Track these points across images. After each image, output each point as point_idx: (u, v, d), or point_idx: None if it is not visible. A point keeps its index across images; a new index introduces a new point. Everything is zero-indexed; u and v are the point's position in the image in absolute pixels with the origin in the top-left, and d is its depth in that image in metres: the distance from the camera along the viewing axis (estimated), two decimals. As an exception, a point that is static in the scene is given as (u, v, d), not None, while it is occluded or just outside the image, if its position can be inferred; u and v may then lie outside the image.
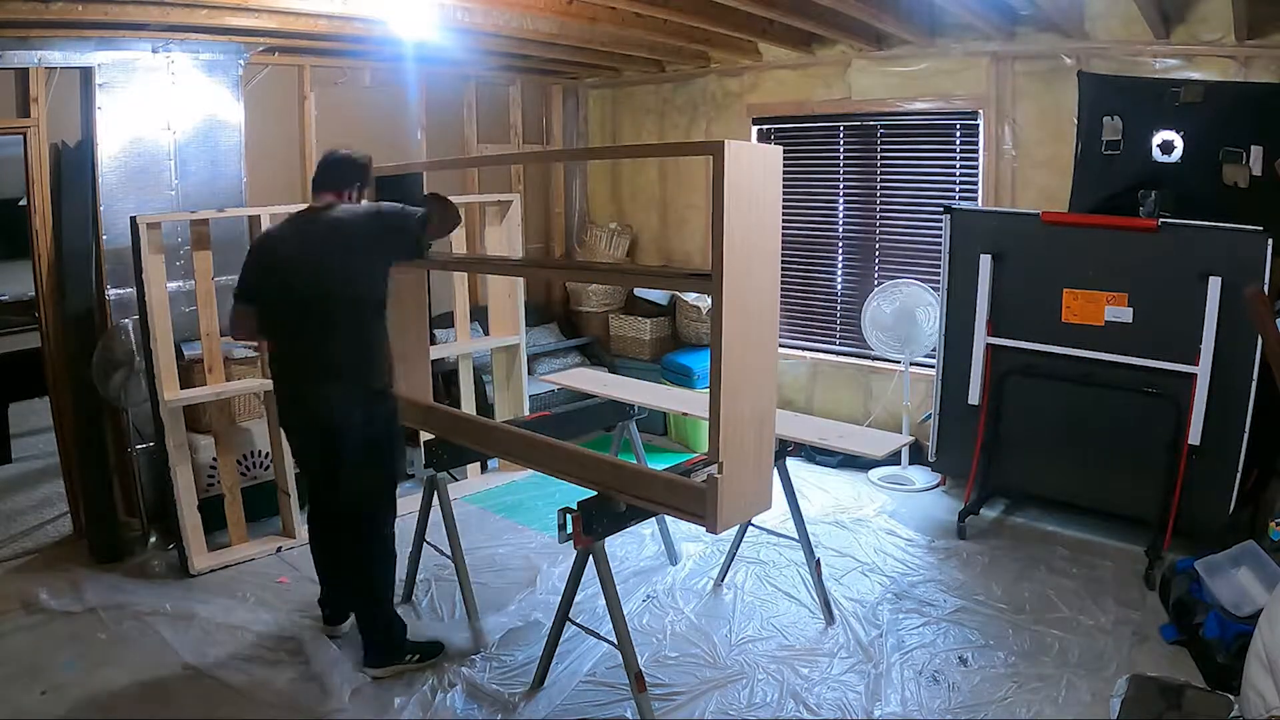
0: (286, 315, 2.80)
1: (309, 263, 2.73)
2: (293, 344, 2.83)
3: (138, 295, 3.62)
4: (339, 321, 2.75)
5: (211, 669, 2.97)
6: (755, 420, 2.37)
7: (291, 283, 2.75)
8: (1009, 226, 4.02)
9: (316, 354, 2.77)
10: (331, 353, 2.76)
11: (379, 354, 2.86)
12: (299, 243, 2.78)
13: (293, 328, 2.81)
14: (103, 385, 3.71)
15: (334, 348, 2.76)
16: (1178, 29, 3.86)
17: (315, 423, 2.81)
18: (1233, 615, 2.85)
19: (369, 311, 2.81)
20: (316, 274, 2.72)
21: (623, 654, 2.60)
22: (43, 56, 3.68)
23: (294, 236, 2.81)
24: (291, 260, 2.77)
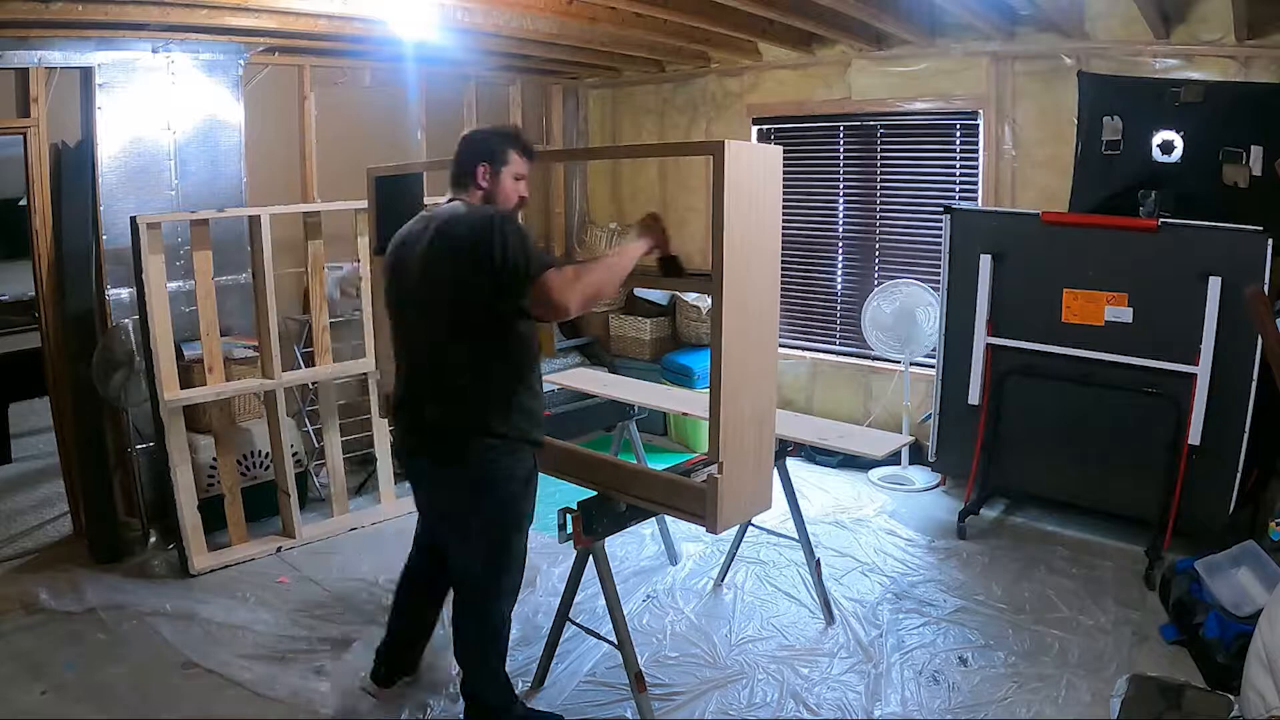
0: (394, 329, 2.48)
1: (410, 273, 2.32)
2: (399, 363, 2.47)
3: (138, 295, 3.62)
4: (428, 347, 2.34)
5: (211, 669, 2.97)
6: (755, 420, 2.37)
7: (397, 294, 2.42)
8: (1009, 226, 4.02)
9: (409, 378, 2.41)
10: (421, 381, 2.37)
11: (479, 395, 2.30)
12: (409, 245, 2.36)
13: (398, 344, 2.48)
14: (103, 385, 3.71)
15: (424, 375, 2.36)
16: (1178, 29, 3.86)
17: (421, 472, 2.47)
18: (1233, 615, 2.85)
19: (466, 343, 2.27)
20: (415, 287, 2.33)
21: (623, 654, 2.60)
22: (43, 56, 3.68)
23: (409, 237, 2.40)
24: (399, 267, 2.38)
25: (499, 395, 2.30)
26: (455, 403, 2.29)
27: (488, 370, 2.27)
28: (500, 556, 2.41)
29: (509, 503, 2.37)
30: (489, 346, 2.27)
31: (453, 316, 2.25)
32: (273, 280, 3.78)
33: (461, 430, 2.29)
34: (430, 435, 2.35)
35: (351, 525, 4.16)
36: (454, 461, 2.31)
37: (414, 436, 2.42)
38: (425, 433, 2.37)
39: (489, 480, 2.31)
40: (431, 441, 2.35)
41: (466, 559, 2.44)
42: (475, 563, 2.42)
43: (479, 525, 2.37)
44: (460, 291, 2.20)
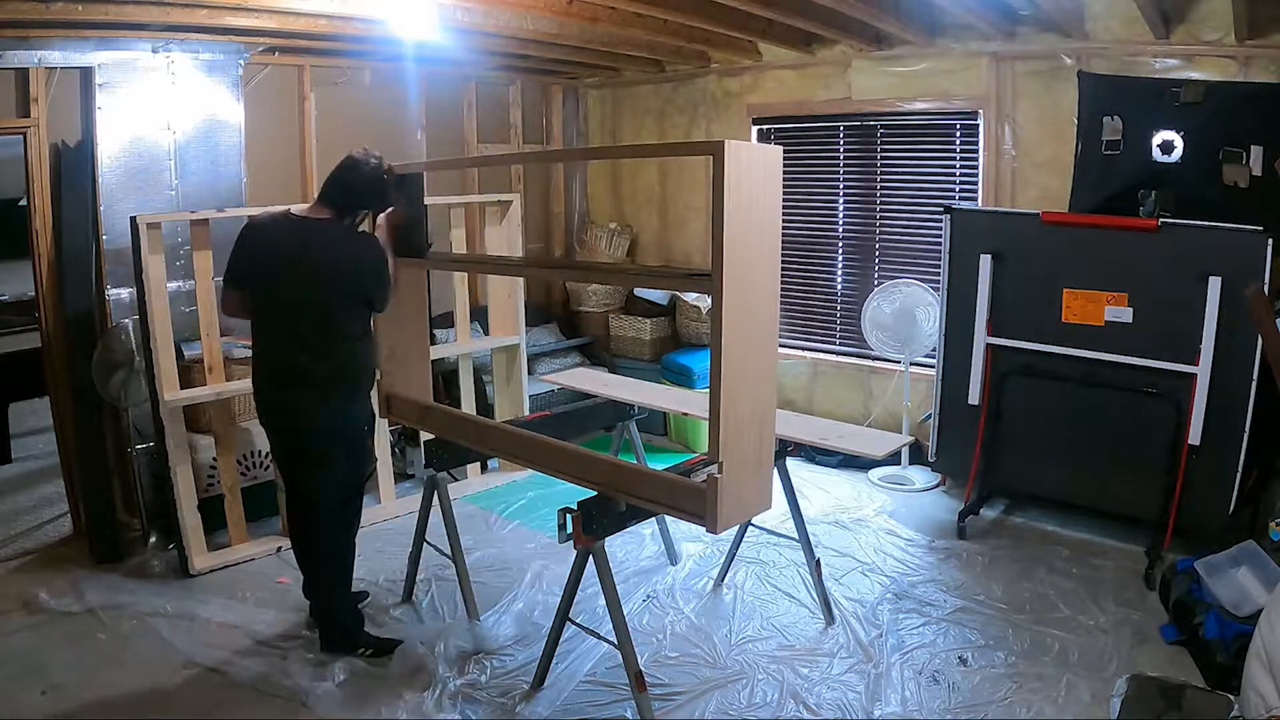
0: (277, 315, 2.90)
1: (309, 272, 2.83)
2: (279, 345, 2.92)
3: (138, 295, 3.62)
4: (326, 335, 2.87)
5: (211, 669, 2.97)
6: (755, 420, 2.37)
7: (287, 283, 2.85)
8: (1009, 226, 4.02)
9: (301, 360, 2.86)
10: (316, 362, 2.86)
11: (362, 369, 3.00)
12: (299, 246, 2.85)
13: (281, 329, 2.90)
14: (103, 385, 3.71)
15: (319, 358, 2.86)
16: (1178, 29, 3.86)
17: (294, 423, 2.94)
18: (1233, 615, 2.85)
19: (355, 333, 2.94)
20: (314, 285, 2.84)
21: (623, 654, 2.60)
22: (43, 56, 3.68)
23: (293, 239, 2.87)
24: (292, 262, 2.84)
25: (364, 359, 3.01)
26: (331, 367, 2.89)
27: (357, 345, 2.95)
28: (359, 484, 3.14)
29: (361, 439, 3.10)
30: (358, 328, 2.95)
31: (339, 305, 2.87)
32: (273, 280, 3.78)
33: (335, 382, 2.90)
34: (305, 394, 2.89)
35: (351, 525, 4.16)
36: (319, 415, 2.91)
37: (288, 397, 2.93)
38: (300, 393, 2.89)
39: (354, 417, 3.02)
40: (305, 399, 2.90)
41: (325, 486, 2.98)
42: (334, 490, 2.99)
43: (340, 464, 2.98)
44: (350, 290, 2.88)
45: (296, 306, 2.86)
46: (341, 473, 2.99)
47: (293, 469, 3.04)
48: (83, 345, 3.77)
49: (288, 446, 3.01)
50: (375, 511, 4.30)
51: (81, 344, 3.77)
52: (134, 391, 3.74)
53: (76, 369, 3.77)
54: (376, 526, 4.19)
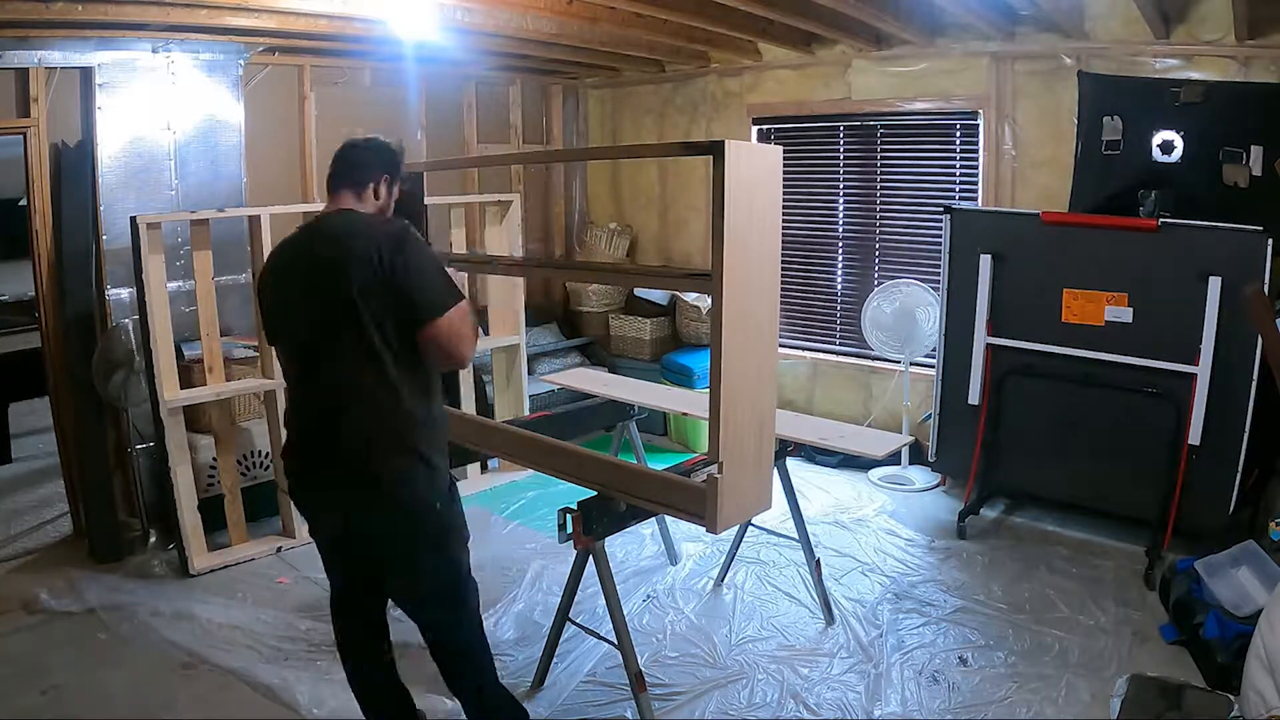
0: (290, 362, 2.16)
1: (302, 289, 2.07)
2: (298, 402, 2.18)
3: (138, 295, 3.62)
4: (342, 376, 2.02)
5: (211, 669, 2.97)
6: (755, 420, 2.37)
7: (287, 316, 2.14)
8: (1009, 226, 4.02)
9: (322, 421, 2.07)
10: (339, 419, 2.04)
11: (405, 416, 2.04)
12: (297, 257, 2.12)
13: (296, 378, 2.16)
14: (103, 385, 3.71)
15: (340, 411, 2.04)
16: (1178, 29, 3.86)
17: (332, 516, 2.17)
18: (1233, 615, 2.85)
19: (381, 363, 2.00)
20: (309, 306, 2.05)
21: (623, 654, 2.59)
22: (43, 56, 3.68)
23: (294, 251, 2.15)
24: (284, 286, 2.13)
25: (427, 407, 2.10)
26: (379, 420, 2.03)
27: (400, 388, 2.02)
28: (455, 580, 2.24)
29: (438, 519, 2.13)
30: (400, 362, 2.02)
31: (367, 330, 1.97)
32: (273, 280, 3.78)
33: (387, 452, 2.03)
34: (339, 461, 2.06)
35: (351, 525, 4.16)
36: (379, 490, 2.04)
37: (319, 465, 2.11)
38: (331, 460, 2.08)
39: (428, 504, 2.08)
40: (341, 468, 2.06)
41: (414, 592, 2.23)
42: (429, 592, 2.21)
43: (415, 556, 2.14)
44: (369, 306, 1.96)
45: (303, 345, 2.09)
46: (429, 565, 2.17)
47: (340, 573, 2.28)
48: (83, 345, 3.77)
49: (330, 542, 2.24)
50: (375, 511, 4.30)
51: (81, 344, 3.77)
52: (134, 391, 3.74)
53: (76, 369, 3.77)
54: (376, 526, 4.19)
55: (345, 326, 1.98)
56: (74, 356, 3.78)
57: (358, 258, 1.97)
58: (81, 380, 3.75)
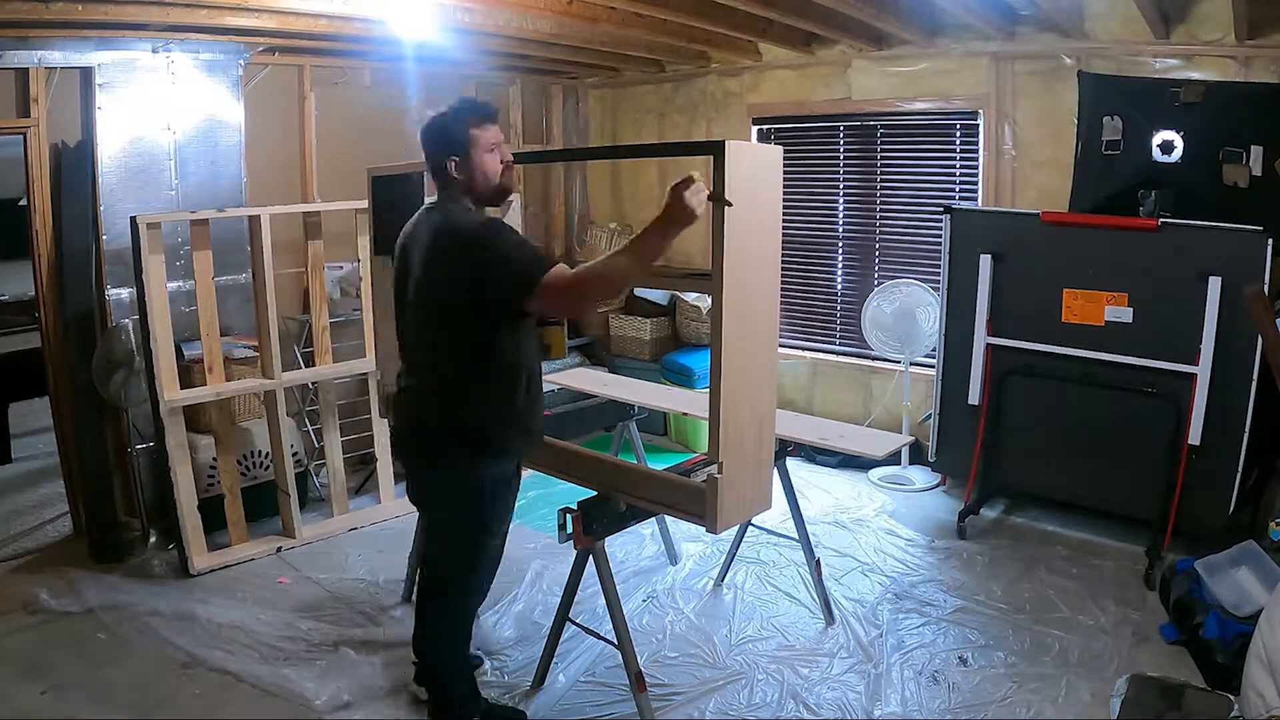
0: (397, 326, 2.49)
1: (413, 274, 2.34)
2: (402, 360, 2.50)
3: (138, 295, 3.62)
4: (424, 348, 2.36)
5: (211, 669, 2.97)
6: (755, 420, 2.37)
7: (400, 293, 2.43)
8: (1009, 226, 4.02)
9: (408, 378, 2.42)
10: (416, 382, 2.39)
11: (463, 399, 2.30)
12: (411, 248, 2.37)
13: (400, 341, 2.49)
14: (103, 385, 3.71)
15: (418, 376, 2.39)
16: (1178, 29, 3.86)
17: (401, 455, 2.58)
18: (1233, 615, 2.85)
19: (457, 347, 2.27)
20: (412, 289, 2.35)
21: (623, 654, 2.60)
22: (43, 56, 3.68)
23: (411, 237, 2.40)
24: (404, 267, 2.40)
25: (481, 400, 2.30)
26: (436, 404, 2.33)
27: (472, 375, 2.27)
28: (468, 557, 2.48)
29: (477, 505, 2.40)
30: (477, 352, 2.26)
31: (443, 321, 2.26)
32: (273, 280, 3.78)
33: (437, 431, 2.34)
34: (411, 433, 2.45)
35: (351, 525, 4.16)
36: (427, 460, 2.41)
37: (399, 433, 2.55)
38: (408, 430, 2.46)
39: (458, 481, 2.37)
40: (412, 439, 2.45)
41: (435, 553, 2.56)
42: (444, 558, 2.51)
43: (447, 523, 2.45)
44: (452, 298, 2.22)
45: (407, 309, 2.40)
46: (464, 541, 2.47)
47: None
48: (83, 345, 3.77)
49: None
50: (375, 511, 4.30)
51: (81, 344, 3.77)
52: (134, 391, 3.74)
53: (76, 369, 3.77)
54: (376, 526, 4.19)
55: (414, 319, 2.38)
56: (74, 356, 3.78)
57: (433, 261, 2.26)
58: (81, 380, 3.75)
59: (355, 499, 4.42)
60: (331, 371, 4.14)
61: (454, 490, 2.38)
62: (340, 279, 4.60)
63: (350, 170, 3.98)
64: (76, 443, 3.83)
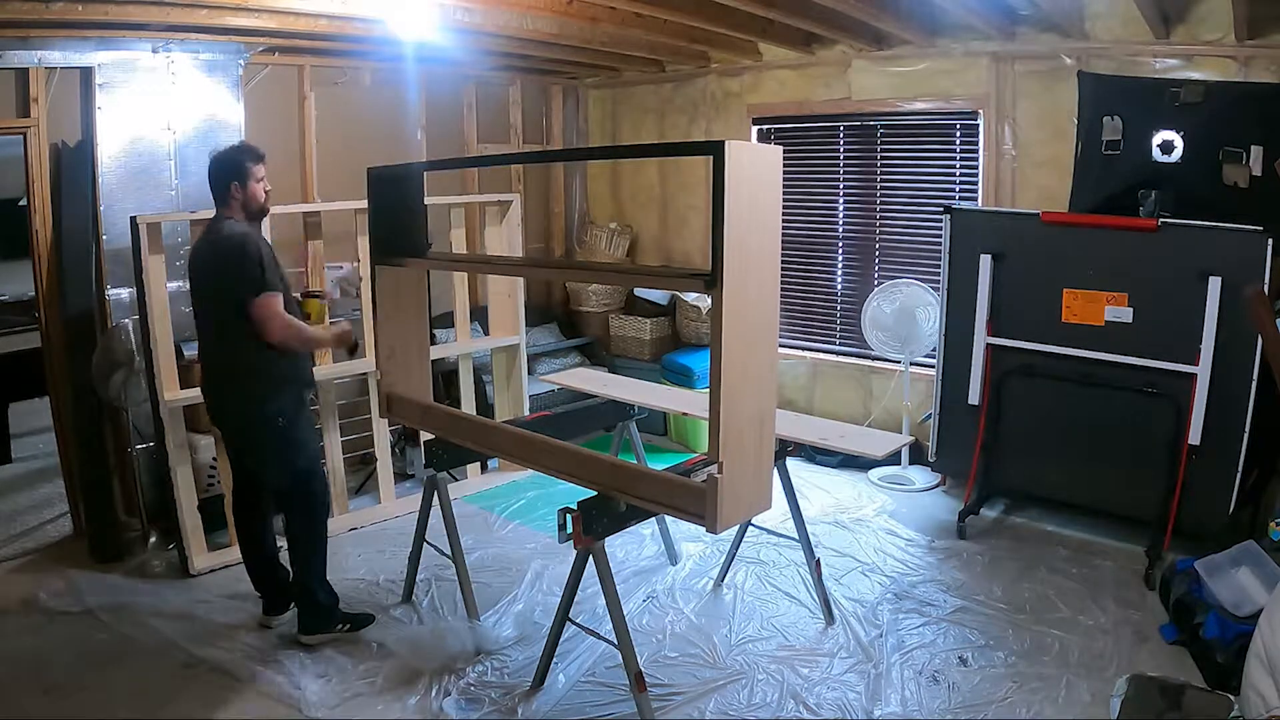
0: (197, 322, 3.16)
1: (193, 278, 3.09)
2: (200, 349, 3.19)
3: (138, 295, 3.62)
4: (211, 333, 3.07)
5: (211, 669, 2.97)
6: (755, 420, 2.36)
7: (193, 292, 3.13)
8: (1009, 226, 4.02)
9: (204, 358, 3.16)
10: (212, 359, 3.12)
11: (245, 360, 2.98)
12: (194, 256, 3.12)
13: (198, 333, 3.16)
14: (103, 385, 3.71)
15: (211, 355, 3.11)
16: (1178, 29, 3.86)
17: (215, 419, 3.26)
18: (1233, 615, 2.85)
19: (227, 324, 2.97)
20: (196, 290, 3.08)
21: (623, 654, 2.60)
22: (43, 56, 3.68)
23: (195, 249, 3.15)
24: (191, 272, 3.13)
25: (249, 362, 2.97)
26: (223, 368, 3.06)
27: (241, 346, 2.95)
28: (295, 475, 3.08)
29: (279, 433, 3.02)
30: (239, 330, 2.91)
31: (218, 310, 2.97)
32: (273, 280, 3.78)
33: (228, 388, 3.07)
34: (212, 392, 3.14)
35: (351, 525, 4.16)
36: (229, 412, 3.13)
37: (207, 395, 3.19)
38: (210, 391, 3.15)
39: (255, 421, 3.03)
40: (214, 397, 3.14)
41: (271, 481, 3.14)
42: (280, 482, 3.09)
43: (263, 456, 3.09)
44: (220, 293, 2.93)
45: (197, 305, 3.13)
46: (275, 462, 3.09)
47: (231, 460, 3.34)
48: (83, 345, 3.77)
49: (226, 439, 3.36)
50: (375, 511, 4.30)
51: (81, 344, 3.77)
52: (134, 391, 3.74)
53: (76, 369, 3.77)
54: (376, 526, 4.19)
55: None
56: (74, 356, 3.78)
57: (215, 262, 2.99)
58: (81, 380, 3.75)
59: (355, 499, 4.43)
60: (331, 371, 4.14)
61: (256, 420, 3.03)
62: (340, 279, 4.60)
63: (350, 170, 3.98)
64: (76, 443, 3.83)
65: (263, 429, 3.02)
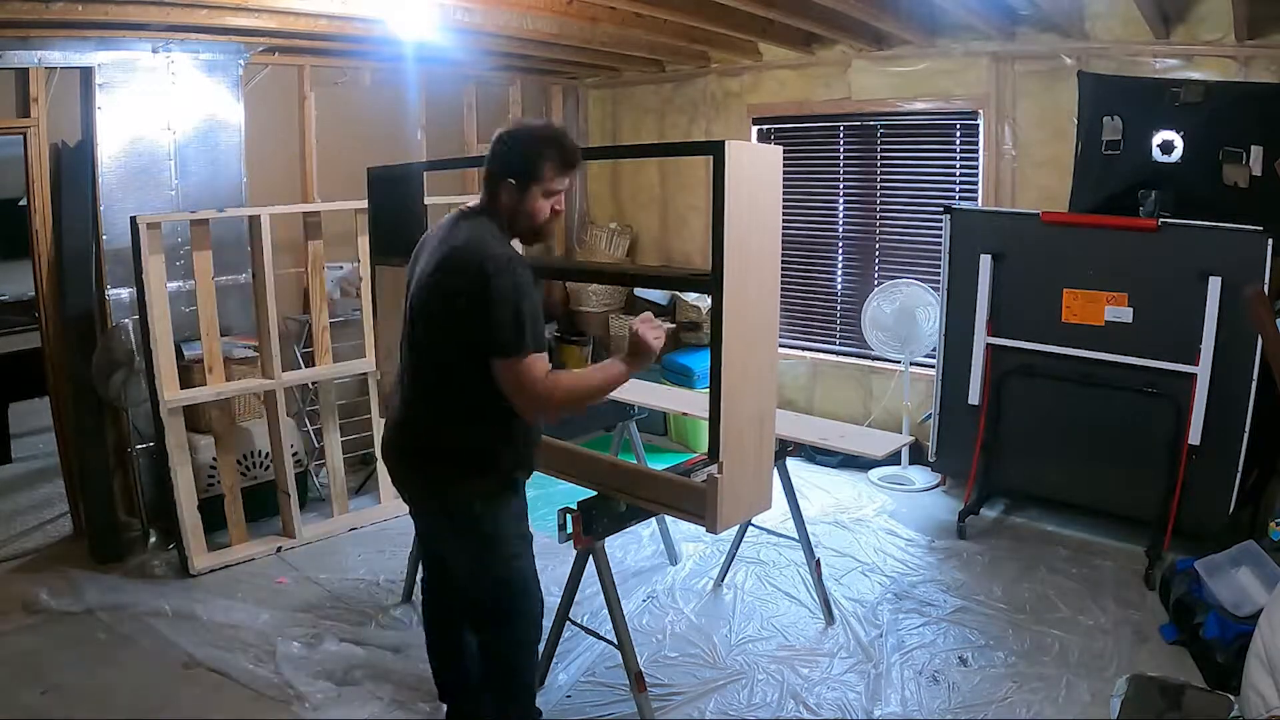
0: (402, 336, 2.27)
1: (417, 291, 2.17)
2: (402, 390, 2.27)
3: (138, 295, 3.62)
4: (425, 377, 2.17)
5: (211, 669, 2.97)
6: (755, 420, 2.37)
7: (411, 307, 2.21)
8: (1009, 226, 4.02)
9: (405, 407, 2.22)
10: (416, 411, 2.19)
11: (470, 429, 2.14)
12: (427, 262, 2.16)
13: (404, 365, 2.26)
14: (103, 385, 3.71)
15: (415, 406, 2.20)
16: (1178, 29, 3.86)
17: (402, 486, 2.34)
18: (1233, 615, 2.85)
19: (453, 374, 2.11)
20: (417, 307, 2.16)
21: (623, 654, 2.59)
22: (43, 56, 3.68)
23: (429, 249, 2.22)
24: (412, 275, 2.25)
25: (483, 433, 2.14)
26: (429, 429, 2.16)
27: (469, 410, 2.11)
28: (502, 590, 2.30)
29: (496, 538, 2.23)
30: (474, 388, 2.07)
31: (444, 350, 2.11)
32: (273, 280, 3.78)
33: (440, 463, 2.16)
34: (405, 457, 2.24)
35: (351, 525, 4.16)
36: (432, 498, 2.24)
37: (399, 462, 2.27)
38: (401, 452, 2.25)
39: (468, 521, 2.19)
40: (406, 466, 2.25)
41: (470, 594, 2.34)
42: (480, 599, 2.32)
43: (468, 564, 2.28)
44: (452, 331, 2.07)
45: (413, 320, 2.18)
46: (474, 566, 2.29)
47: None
48: (83, 345, 3.77)
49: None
50: (375, 511, 4.30)
51: (81, 344, 3.77)
52: (134, 391, 3.74)
53: (76, 369, 3.76)
54: (376, 526, 4.19)
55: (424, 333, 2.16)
56: (74, 356, 3.78)
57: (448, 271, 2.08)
58: (81, 380, 3.75)
59: (355, 499, 4.43)
60: (331, 371, 4.14)
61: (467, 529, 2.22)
62: (340, 279, 4.60)
63: (350, 170, 3.98)
64: (76, 443, 3.83)
65: (467, 522, 2.21)
